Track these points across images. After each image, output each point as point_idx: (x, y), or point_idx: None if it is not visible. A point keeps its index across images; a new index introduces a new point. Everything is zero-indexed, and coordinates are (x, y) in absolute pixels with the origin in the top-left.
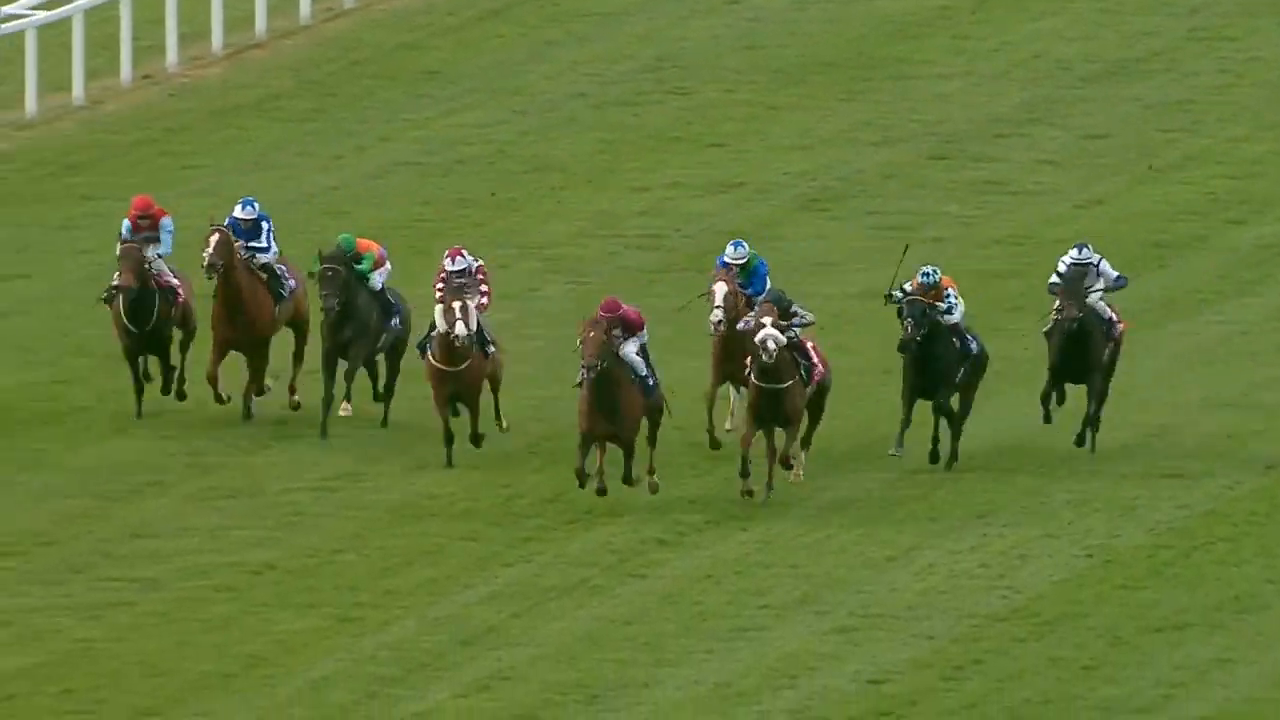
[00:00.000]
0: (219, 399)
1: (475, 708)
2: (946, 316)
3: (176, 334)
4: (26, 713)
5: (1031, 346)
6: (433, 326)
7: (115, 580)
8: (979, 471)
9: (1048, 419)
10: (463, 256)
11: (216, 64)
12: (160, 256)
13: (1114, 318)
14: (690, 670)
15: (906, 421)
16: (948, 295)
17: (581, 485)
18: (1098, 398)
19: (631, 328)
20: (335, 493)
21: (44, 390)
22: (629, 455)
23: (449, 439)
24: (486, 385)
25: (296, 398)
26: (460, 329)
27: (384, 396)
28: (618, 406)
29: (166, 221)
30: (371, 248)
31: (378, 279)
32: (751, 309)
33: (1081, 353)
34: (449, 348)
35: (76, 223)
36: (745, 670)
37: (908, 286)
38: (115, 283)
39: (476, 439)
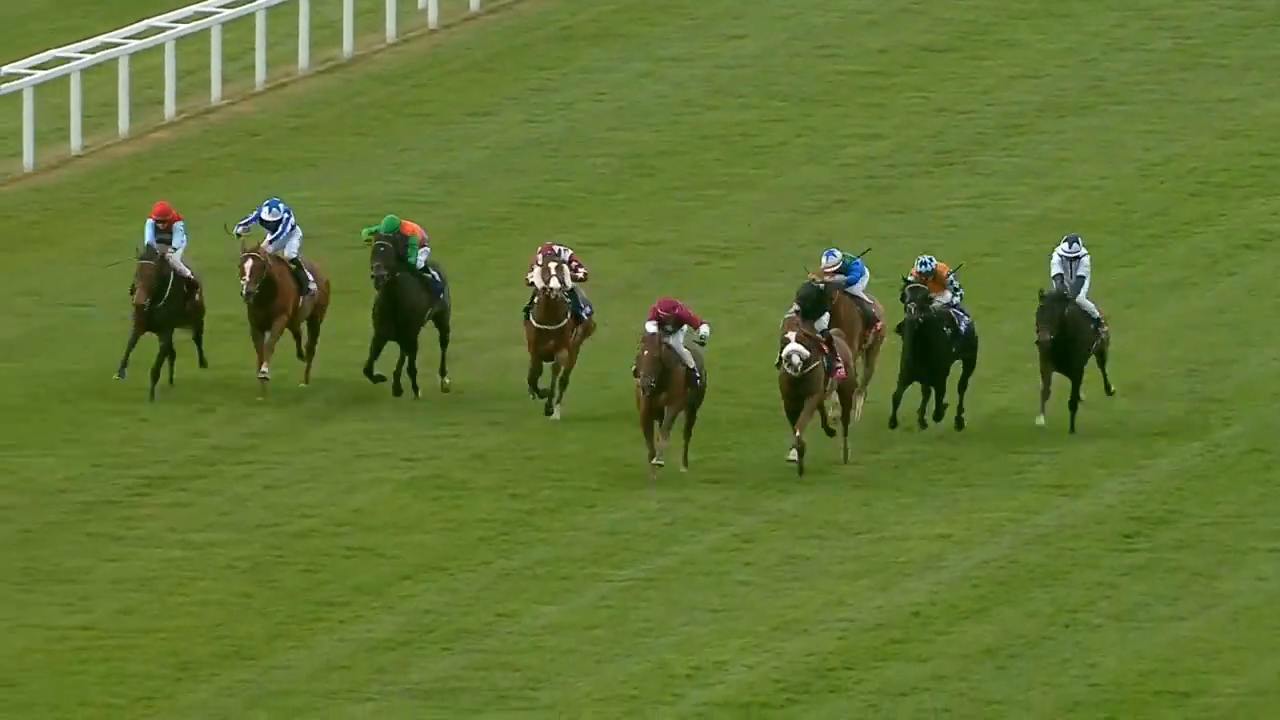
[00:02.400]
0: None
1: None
2: (939, 300)
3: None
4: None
5: None
6: (534, 294)
7: None
8: None
9: (1044, 410)
10: (556, 247)
11: None
12: (176, 249)
13: (1100, 316)
14: (1273, 350)
15: (900, 396)
16: (951, 280)
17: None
18: (1079, 382)
19: (681, 324)
20: None
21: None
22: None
23: (542, 393)
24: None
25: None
26: (555, 283)
27: (441, 353)
28: (667, 385)
29: (179, 225)
30: (415, 230)
31: (420, 257)
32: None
33: (1066, 351)
34: (546, 302)
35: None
36: None
37: (909, 277)
38: (135, 300)
39: (564, 382)
